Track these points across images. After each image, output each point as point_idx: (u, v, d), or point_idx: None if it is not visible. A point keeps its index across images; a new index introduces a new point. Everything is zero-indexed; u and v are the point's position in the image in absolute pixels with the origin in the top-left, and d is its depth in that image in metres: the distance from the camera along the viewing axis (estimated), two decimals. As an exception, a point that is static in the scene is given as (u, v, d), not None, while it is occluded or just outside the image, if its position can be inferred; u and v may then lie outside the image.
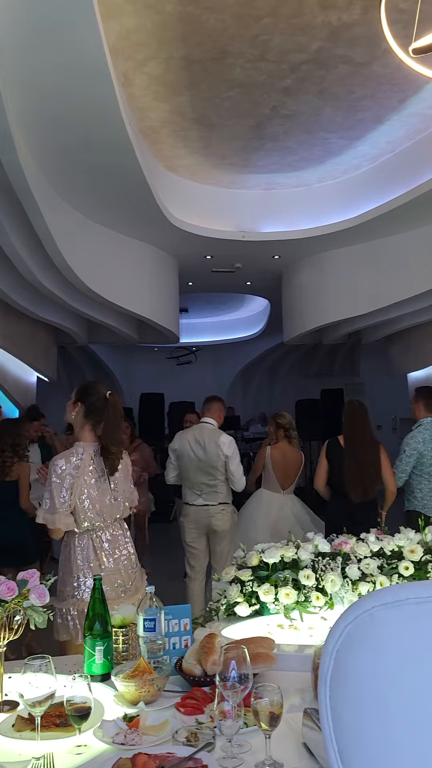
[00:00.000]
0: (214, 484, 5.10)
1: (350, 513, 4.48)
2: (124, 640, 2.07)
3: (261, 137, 6.26)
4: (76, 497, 2.87)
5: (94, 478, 2.93)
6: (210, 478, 5.08)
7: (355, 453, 4.70)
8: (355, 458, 4.68)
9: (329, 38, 4.56)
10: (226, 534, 5.13)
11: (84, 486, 2.89)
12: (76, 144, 4.86)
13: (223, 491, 5.14)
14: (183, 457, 5.14)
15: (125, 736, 1.53)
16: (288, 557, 2.41)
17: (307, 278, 8.76)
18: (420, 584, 0.81)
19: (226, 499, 5.17)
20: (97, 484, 2.93)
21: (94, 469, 2.95)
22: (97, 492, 2.92)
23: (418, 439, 4.91)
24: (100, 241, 7.12)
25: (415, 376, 10.50)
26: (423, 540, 2.51)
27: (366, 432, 4.77)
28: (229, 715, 1.42)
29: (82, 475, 2.90)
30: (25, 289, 7.05)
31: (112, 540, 2.97)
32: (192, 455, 5.10)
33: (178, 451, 5.17)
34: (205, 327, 15.01)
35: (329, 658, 0.82)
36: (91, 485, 2.92)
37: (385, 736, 0.76)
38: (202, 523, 5.15)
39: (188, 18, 4.25)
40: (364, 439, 4.74)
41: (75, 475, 2.88)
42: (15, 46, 3.51)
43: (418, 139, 6.37)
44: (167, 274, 8.51)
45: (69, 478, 2.87)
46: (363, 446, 4.72)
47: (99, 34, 3.47)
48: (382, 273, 7.86)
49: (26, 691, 1.50)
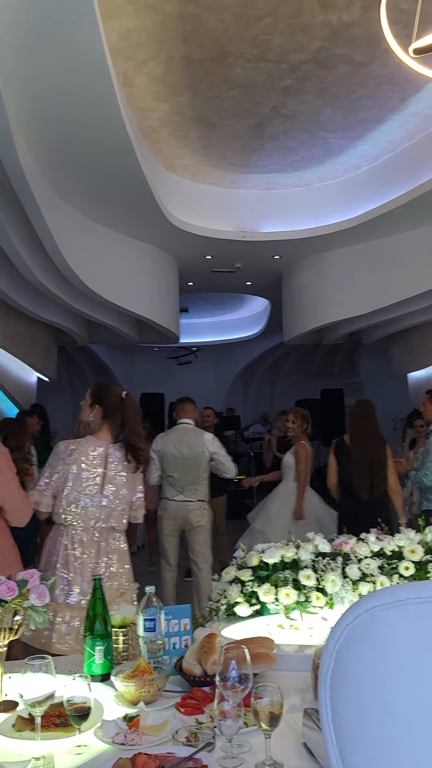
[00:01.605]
0: (197, 482, 5.33)
1: (357, 511, 4.51)
2: (124, 640, 2.06)
3: (261, 137, 6.26)
4: (61, 482, 2.89)
5: (84, 471, 2.92)
6: (194, 476, 5.30)
7: (360, 450, 4.76)
8: (360, 455, 4.74)
9: (329, 38, 4.56)
10: (201, 529, 5.38)
11: (70, 473, 2.89)
12: (76, 144, 4.86)
13: (203, 489, 5.39)
14: (167, 457, 5.33)
15: (125, 736, 1.52)
16: (288, 557, 2.40)
17: (308, 278, 8.76)
18: (420, 584, 0.81)
19: (204, 497, 5.41)
20: (85, 480, 2.90)
21: (87, 463, 2.94)
22: (82, 487, 2.90)
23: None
24: (100, 241, 7.12)
25: (416, 376, 10.48)
26: (423, 540, 2.50)
27: (372, 430, 4.83)
28: (229, 715, 1.42)
29: (74, 463, 2.91)
30: (25, 289, 7.06)
31: (86, 543, 2.89)
32: (177, 455, 5.30)
33: (162, 452, 5.35)
34: (205, 327, 15.01)
35: (329, 658, 0.82)
36: (79, 478, 2.90)
37: (385, 736, 0.76)
38: (180, 518, 5.37)
39: (188, 18, 4.25)
40: (370, 436, 4.80)
41: (67, 461, 2.90)
42: (15, 46, 3.51)
43: (418, 139, 6.38)
44: (167, 274, 8.51)
45: (61, 463, 2.91)
46: (369, 443, 4.78)
47: (99, 34, 3.47)
48: (382, 273, 7.86)
49: (26, 691, 1.50)
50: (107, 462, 2.98)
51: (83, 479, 2.91)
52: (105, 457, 2.98)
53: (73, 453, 2.93)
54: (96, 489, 2.93)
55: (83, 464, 2.93)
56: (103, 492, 2.93)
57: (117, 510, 2.97)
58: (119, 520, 2.99)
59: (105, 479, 2.95)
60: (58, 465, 2.92)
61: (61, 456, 2.93)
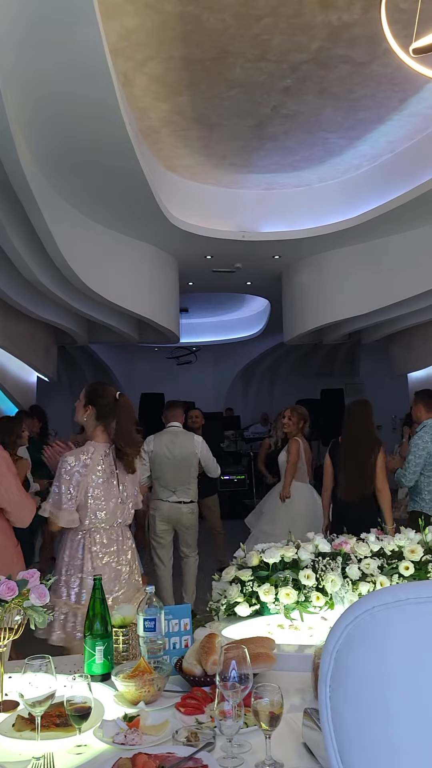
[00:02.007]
0: (188, 483, 5.48)
1: (342, 512, 4.50)
2: (124, 640, 2.07)
3: (261, 137, 6.26)
4: (82, 495, 2.89)
5: (102, 478, 2.94)
6: (185, 476, 5.47)
7: (347, 451, 4.74)
8: (347, 456, 4.72)
9: (329, 38, 4.56)
10: (192, 527, 5.60)
11: (91, 485, 2.90)
12: (76, 144, 4.86)
13: (194, 489, 5.58)
14: (158, 458, 5.44)
15: (125, 736, 1.52)
16: (288, 557, 2.40)
17: (308, 278, 8.76)
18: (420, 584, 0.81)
19: (195, 498, 5.60)
20: (104, 485, 2.94)
21: (102, 470, 2.95)
22: (103, 492, 2.93)
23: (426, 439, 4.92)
24: (100, 241, 7.12)
25: (416, 376, 10.48)
26: (423, 540, 2.50)
27: (362, 430, 4.78)
28: (230, 715, 1.42)
29: (90, 473, 2.91)
30: (25, 288, 7.05)
31: (107, 544, 2.95)
32: (169, 456, 5.43)
33: (154, 453, 5.45)
34: (205, 327, 15.00)
35: (329, 658, 0.82)
36: (98, 485, 2.92)
37: (384, 736, 0.76)
38: (173, 519, 5.51)
39: (188, 18, 4.25)
40: (358, 437, 4.76)
41: (83, 473, 2.90)
42: (15, 46, 3.51)
43: (419, 139, 6.37)
44: (167, 273, 8.51)
45: (77, 476, 2.90)
46: (356, 444, 4.73)
47: (99, 34, 3.47)
48: (383, 273, 7.86)
49: (26, 690, 1.50)
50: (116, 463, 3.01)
51: (101, 484, 2.94)
52: (114, 459, 3.01)
53: (88, 464, 2.93)
54: (115, 492, 2.98)
55: (98, 471, 2.95)
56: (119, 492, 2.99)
57: (128, 506, 3.06)
58: (131, 517, 3.09)
59: (119, 480, 3.00)
60: (74, 478, 2.90)
61: (76, 469, 2.91)
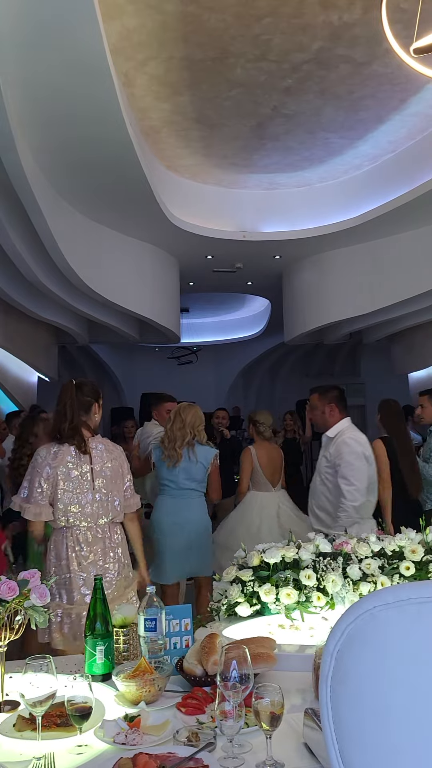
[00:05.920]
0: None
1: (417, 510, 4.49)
2: (125, 640, 2.07)
3: (262, 137, 6.26)
4: (53, 488, 2.88)
5: (75, 471, 2.92)
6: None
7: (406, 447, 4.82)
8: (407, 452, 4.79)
9: (330, 38, 4.56)
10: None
11: (60, 477, 2.89)
12: (77, 144, 4.86)
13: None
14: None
15: (126, 736, 1.52)
16: (289, 557, 2.40)
17: (308, 278, 8.76)
18: (421, 584, 0.81)
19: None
20: (76, 478, 2.92)
21: (74, 462, 2.94)
22: (75, 485, 2.91)
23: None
24: (100, 241, 7.12)
25: (416, 376, 10.49)
26: (424, 540, 2.50)
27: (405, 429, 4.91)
28: (230, 715, 1.42)
29: (60, 464, 2.90)
30: (25, 288, 7.06)
31: (91, 542, 2.92)
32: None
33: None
34: (205, 327, 15.00)
35: (330, 658, 0.82)
36: (69, 477, 2.91)
37: (385, 736, 0.76)
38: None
39: (189, 18, 4.25)
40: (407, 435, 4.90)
41: (53, 465, 2.90)
42: (16, 46, 3.51)
43: (419, 139, 6.37)
44: (168, 273, 8.51)
45: (47, 468, 2.90)
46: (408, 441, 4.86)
47: (100, 34, 3.47)
48: (383, 273, 7.86)
49: (27, 690, 1.50)
50: (92, 457, 2.99)
51: (73, 478, 2.92)
52: (89, 452, 2.99)
53: (57, 455, 2.92)
54: (88, 485, 2.94)
55: (69, 463, 2.93)
56: (95, 487, 2.95)
57: (113, 503, 3.00)
58: (117, 513, 3.03)
59: (93, 474, 2.97)
60: (44, 470, 2.90)
61: (46, 461, 2.91)
